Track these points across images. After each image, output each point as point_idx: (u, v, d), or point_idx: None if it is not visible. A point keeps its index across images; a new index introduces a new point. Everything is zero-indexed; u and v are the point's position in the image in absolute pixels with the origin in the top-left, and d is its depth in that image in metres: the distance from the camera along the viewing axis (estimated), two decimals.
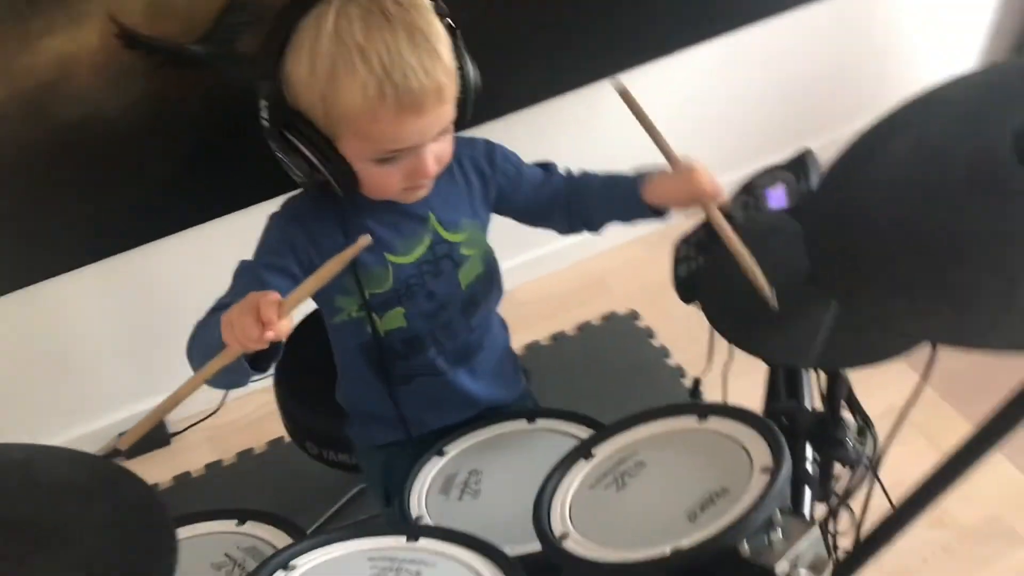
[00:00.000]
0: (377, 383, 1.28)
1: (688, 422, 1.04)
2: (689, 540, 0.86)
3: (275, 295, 0.94)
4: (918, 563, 1.77)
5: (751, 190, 1.36)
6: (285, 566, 0.93)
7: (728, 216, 1.16)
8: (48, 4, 1.48)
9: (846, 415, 1.33)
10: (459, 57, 1.09)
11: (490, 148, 1.28)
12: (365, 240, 0.93)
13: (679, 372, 2.09)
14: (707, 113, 2.24)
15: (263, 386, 1.83)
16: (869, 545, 1.01)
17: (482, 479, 1.21)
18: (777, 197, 1.32)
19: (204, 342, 1.07)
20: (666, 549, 0.86)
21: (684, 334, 2.17)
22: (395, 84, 1.02)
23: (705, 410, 1.03)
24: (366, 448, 1.40)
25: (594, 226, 1.33)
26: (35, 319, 1.87)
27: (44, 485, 0.78)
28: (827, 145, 2.18)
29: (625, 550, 0.89)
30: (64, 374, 1.99)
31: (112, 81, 1.59)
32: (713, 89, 2.22)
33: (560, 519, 0.97)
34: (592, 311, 2.26)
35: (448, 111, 1.09)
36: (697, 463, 0.98)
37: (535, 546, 0.97)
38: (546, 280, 2.35)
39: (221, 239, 1.87)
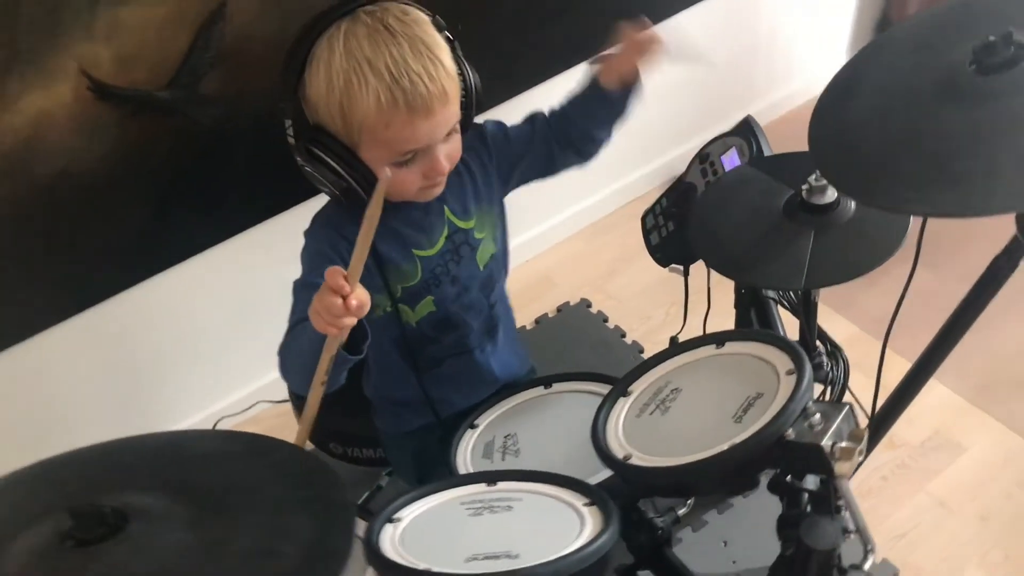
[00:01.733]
0: (408, 371, 1.39)
1: (708, 351, 1.18)
2: (743, 435, 1.00)
3: (337, 268, 1.05)
4: (879, 481, 1.97)
5: (706, 158, 1.53)
6: (391, 519, 1.03)
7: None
8: (22, 64, 1.54)
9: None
10: (459, 63, 1.22)
11: (479, 131, 1.37)
12: (385, 174, 1.05)
13: (637, 347, 2.25)
14: (674, 82, 2.42)
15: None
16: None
17: (519, 440, 1.33)
18: (731, 160, 1.49)
19: (297, 351, 1.18)
20: (724, 446, 1.00)
21: (634, 314, 2.35)
22: (404, 89, 1.14)
23: (721, 338, 1.18)
24: (395, 437, 1.50)
25: (596, 140, 1.39)
26: (17, 378, 1.88)
27: (201, 456, 0.86)
28: (762, 111, 2.41)
29: (687, 455, 1.03)
30: (46, 435, 2.00)
31: (86, 133, 1.66)
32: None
33: (619, 445, 1.10)
34: (546, 305, 2.40)
35: (454, 112, 1.21)
36: (728, 380, 1.12)
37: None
38: None
39: (201, 275, 1.94)
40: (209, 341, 2.05)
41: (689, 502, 1.40)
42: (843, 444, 0.98)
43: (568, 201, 2.51)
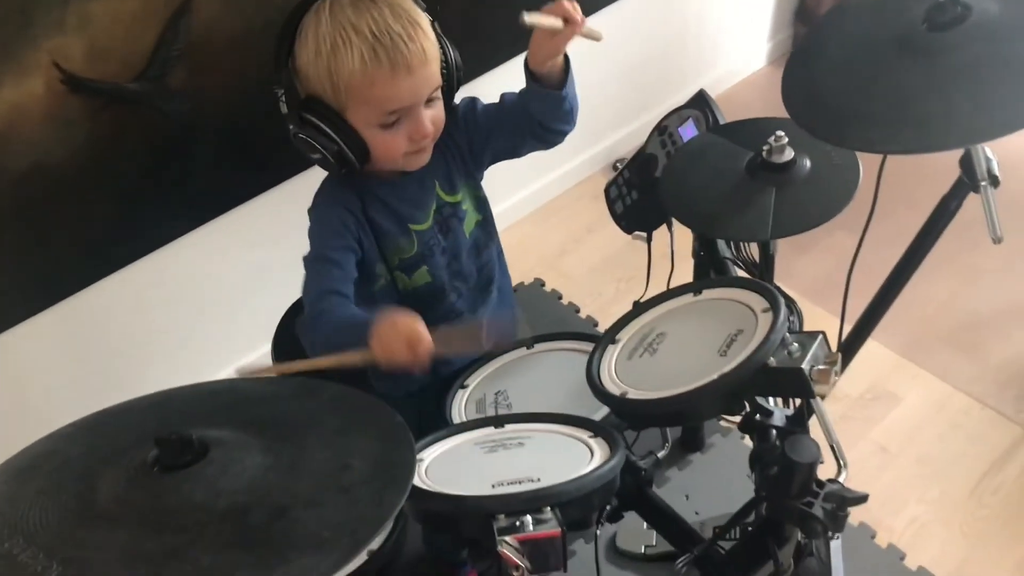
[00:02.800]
0: None
1: (687, 299, 1.29)
2: (730, 365, 1.11)
3: (430, 342, 1.14)
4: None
5: (664, 131, 1.64)
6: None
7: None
8: None
9: None
10: (439, 38, 1.31)
11: (456, 111, 1.43)
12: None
13: (593, 322, 2.36)
14: (612, 70, 2.54)
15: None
16: None
17: (509, 395, 1.41)
18: (688, 130, 1.60)
19: (325, 331, 1.26)
20: (714, 375, 1.11)
21: (587, 291, 2.46)
22: (385, 47, 1.22)
23: (698, 287, 1.29)
24: (396, 400, 1.55)
25: (552, 131, 1.42)
26: None
27: (258, 397, 0.92)
28: (711, 83, 2.53)
29: (680, 387, 1.13)
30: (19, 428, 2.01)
31: (59, 126, 1.68)
32: (616, 48, 2.51)
33: (614, 385, 1.20)
34: None
35: (435, 74, 1.29)
36: (709, 321, 1.23)
37: None
38: None
39: (170, 264, 1.98)
40: (183, 328, 2.08)
41: (667, 444, 1.49)
42: (820, 367, 1.09)
43: (516, 186, 2.61)
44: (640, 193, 1.66)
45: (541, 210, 2.66)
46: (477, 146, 1.47)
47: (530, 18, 1.22)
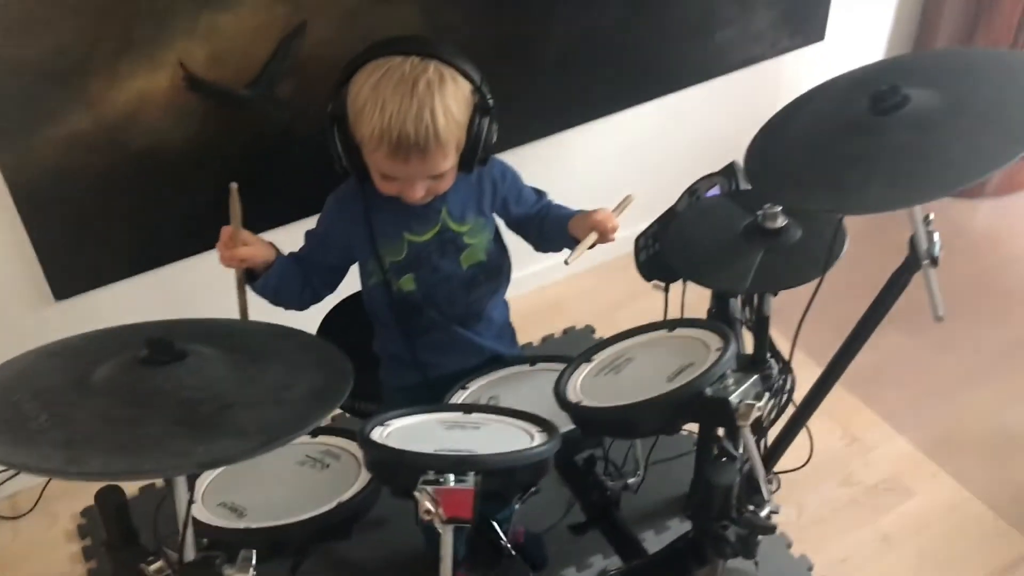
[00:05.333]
0: (400, 333, 1.64)
1: (661, 333, 1.44)
2: (670, 388, 1.24)
3: (228, 229, 1.51)
4: (830, 512, 2.16)
5: (694, 192, 1.79)
6: (383, 424, 1.28)
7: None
8: (133, 51, 1.85)
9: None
10: (471, 126, 1.45)
11: (504, 168, 1.66)
12: (232, 186, 1.48)
13: None
14: (686, 144, 2.71)
15: None
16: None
17: (500, 400, 1.57)
18: (713, 194, 1.74)
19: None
20: (654, 394, 1.24)
21: None
22: (391, 136, 1.39)
23: (673, 324, 1.43)
24: (391, 390, 1.74)
25: (545, 251, 1.72)
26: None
27: (246, 332, 1.12)
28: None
29: (624, 401, 1.27)
30: None
31: (176, 117, 1.96)
32: (694, 126, 2.70)
33: (575, 394, 1.35)
34: (553, 328, 2.65)
35: (436, 165, 1.43)
36: (671, 353, 1.37)
37: None
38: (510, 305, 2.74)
39: None
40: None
41: (639, 473, 1.61)
42: (747, 402, 1.21)
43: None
44: (662, 246, 1.80)
45: (608, 264, 2.80)
46: (501, 209, 1.66)
47: (572, 258, 1.54)
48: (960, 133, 1.08)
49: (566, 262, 1.54)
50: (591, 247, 1.56)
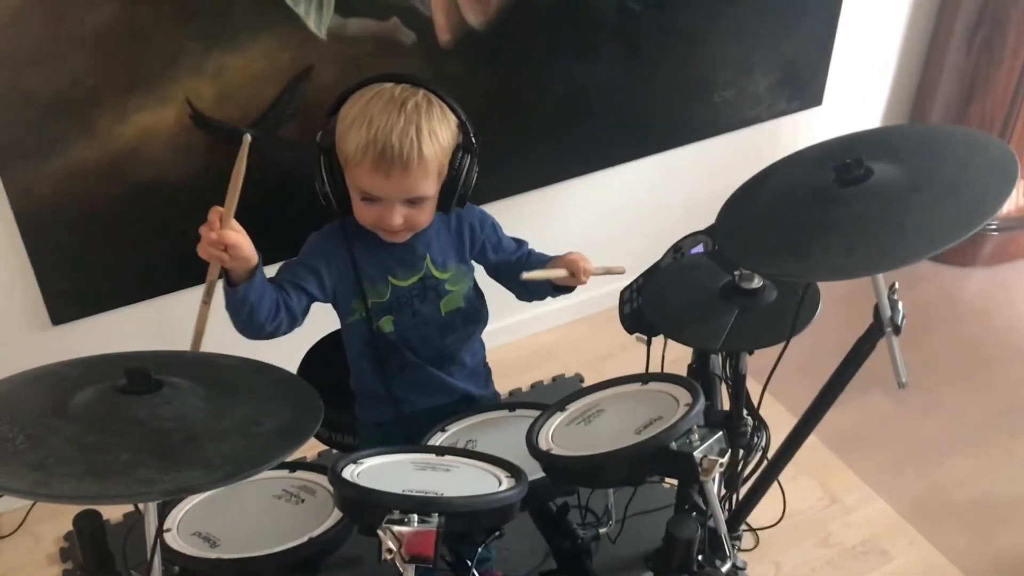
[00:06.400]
0: (377, 370, 1.66)
1: (634, 386, 1.47)
2: (636, 440, 1.27)
3: (218, 209, 1.41)
4: (808, 573, 2.17)
5: (679, 249, 1.82)
6: (355, 462, 1.31)
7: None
8: (142, 87, 1.91)
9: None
10: (454, 159, 1.49)
11: (484, 216, 1.70)
12: (246, 138, 1.40)
13: None
14: (680, 200, 2.74)
15: None
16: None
17: (477, 444, 1.60)
18: (697, 251, 1.78)
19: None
20: (620, 446, 1.27)
21: None
22: (375, 147, 1.42)
23: (647, 377, 1.46)
24: (367, 426, 1.76)
25: (531, 296, 1.74)
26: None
27: (224, 367, 1.16)
28: None
29: (591, 451, 1.30)
30: None
31: (180, 152, 2.01)
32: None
33: (546, 442, 1.38)
34: (543, 375, 2.69)
35: (417, 185, 1.46)
36: (641, 406, 1.40)
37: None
38: (501, 350, 2.77)
39: None
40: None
41: (611, 522, 1.64)
42: (711, 457, 1.24)
43: (580, 289, 2.80)
44: (645, 300, 1.83)
45: (600, 314, 2.85)
46: (480, 256, 1.70)
47: (529, 276, 1.56)
48: (919, 206, 1.12)
49: (521, 276, 1.58)
50: (556, 280, 1.63)
